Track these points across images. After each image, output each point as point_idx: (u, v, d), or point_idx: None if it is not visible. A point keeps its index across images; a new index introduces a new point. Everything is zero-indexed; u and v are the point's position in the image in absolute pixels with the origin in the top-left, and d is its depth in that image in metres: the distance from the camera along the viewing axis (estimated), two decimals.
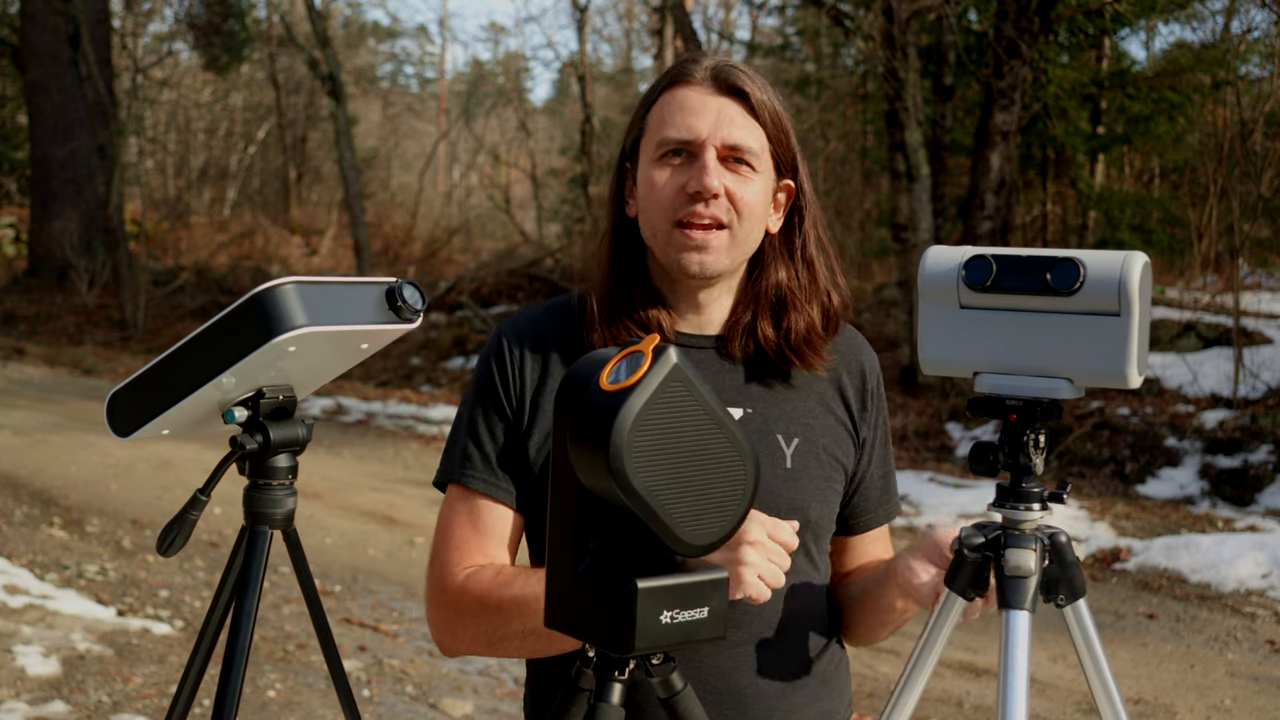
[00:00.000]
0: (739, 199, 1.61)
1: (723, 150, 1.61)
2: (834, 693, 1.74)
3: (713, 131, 1.61)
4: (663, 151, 1.63)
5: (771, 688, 1.66)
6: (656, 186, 1.63)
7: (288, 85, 25.99)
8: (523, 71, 34.23)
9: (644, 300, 1.68)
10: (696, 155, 1.61)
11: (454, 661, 5.06)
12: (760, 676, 1.65)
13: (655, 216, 1.63)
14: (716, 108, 1.62)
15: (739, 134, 1.62)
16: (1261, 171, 10.90)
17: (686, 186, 1.60)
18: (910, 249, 11.71)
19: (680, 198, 1.61)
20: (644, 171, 1.66)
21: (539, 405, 1.67)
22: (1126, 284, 1.58)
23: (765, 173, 1.65)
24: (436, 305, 16.69)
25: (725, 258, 1.63)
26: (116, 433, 1.66)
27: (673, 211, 1.61)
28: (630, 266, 1.69)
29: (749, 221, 1.63)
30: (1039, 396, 1.68)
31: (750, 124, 1.63)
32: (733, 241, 1.63)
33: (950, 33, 12.53)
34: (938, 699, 4.78)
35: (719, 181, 1.60)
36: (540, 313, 1.75)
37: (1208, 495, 8.96)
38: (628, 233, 1.70)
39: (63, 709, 4.36)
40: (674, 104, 1.64)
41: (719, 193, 1.60)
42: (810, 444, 1.70)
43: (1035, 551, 1.72)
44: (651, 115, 1.66)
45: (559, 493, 1.40)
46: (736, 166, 1.62)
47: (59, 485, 7.94)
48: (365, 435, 10.74)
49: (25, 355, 15.28)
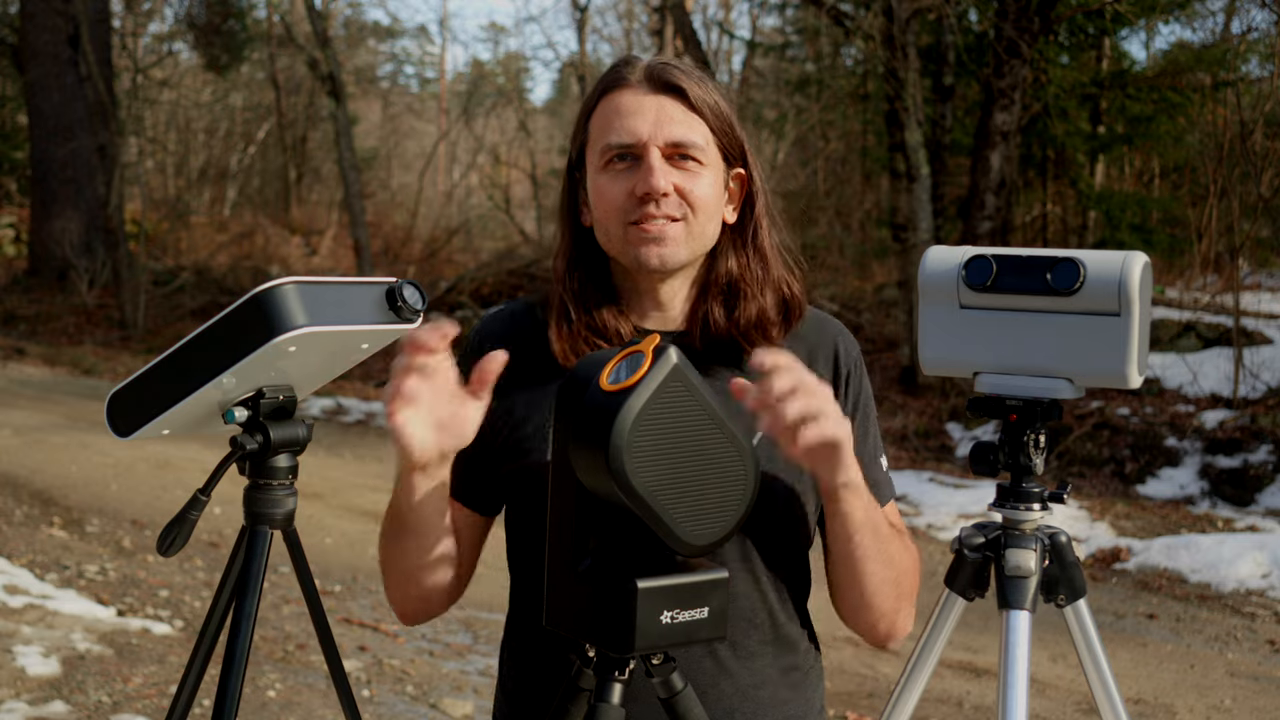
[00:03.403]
0: (689, 194, 1.61)
1: (666, 149, 1.61)
2: (801, 698, 1.71)
3: (654, 132, 1.61)
4: (607, 158, 1.63)
5: (730, 687, 1.64)
6: (606, 194, 1.63)
7: (288, 85, 25.97)
8: (523, 71, 34.25)
9: (602, 302, 1.67)
10: (641, 157, 1.61)
11: (454, 661, 5.06)
12: (721, 676, 1.64)
13: (608, 222, 1.63)
14: (655, 107, 1.62)
15: (680, 130, 1.61)
16: (1261, 171, 10.89)
17: (635, 190, 1.60)
18: (910, 249, 11.70)
19: (630, 201, 1.61)
20: (592, 180, 1.66)
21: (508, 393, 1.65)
22: (1126, 284, 1.58)
23: (713, 165, 1.64)
24: (436, 305, 16.68)
25: (684, 249, 1.63)
26: (116, 433, 1.66)
27: (624, 215, 1.61)
28: (590, 272, 1.69)
29: (703, 215, 1.63)
30: (1039, 396, 1.68)
31: (691, 119, 1.63)
32: (689, 234, 1.63)
33: (950, 33, 12.53)
34: (938, 699, 4.78)
35: (666, 181, 1.60)
36: (518, 305, 1.76)
37: (1208, 495, 8.96)
38: (585, 242, 1.70)
39: (63, 709, 4.36)
40: (612, 109, 1.63)
41: (668, 191, 1.60)
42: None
43: (1035, 551, 1.72)
44: (592, 123, 1.66)
45: (559, 493, 1.40)
46: (683, 163, 1.62)
47: (59, 485, 7.94)
48: (365, 435, 10.74)
49: (25, 355, 15.27)
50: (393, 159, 29.83)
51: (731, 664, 1.64)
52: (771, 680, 1.68)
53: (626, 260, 1.64)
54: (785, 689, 1.69)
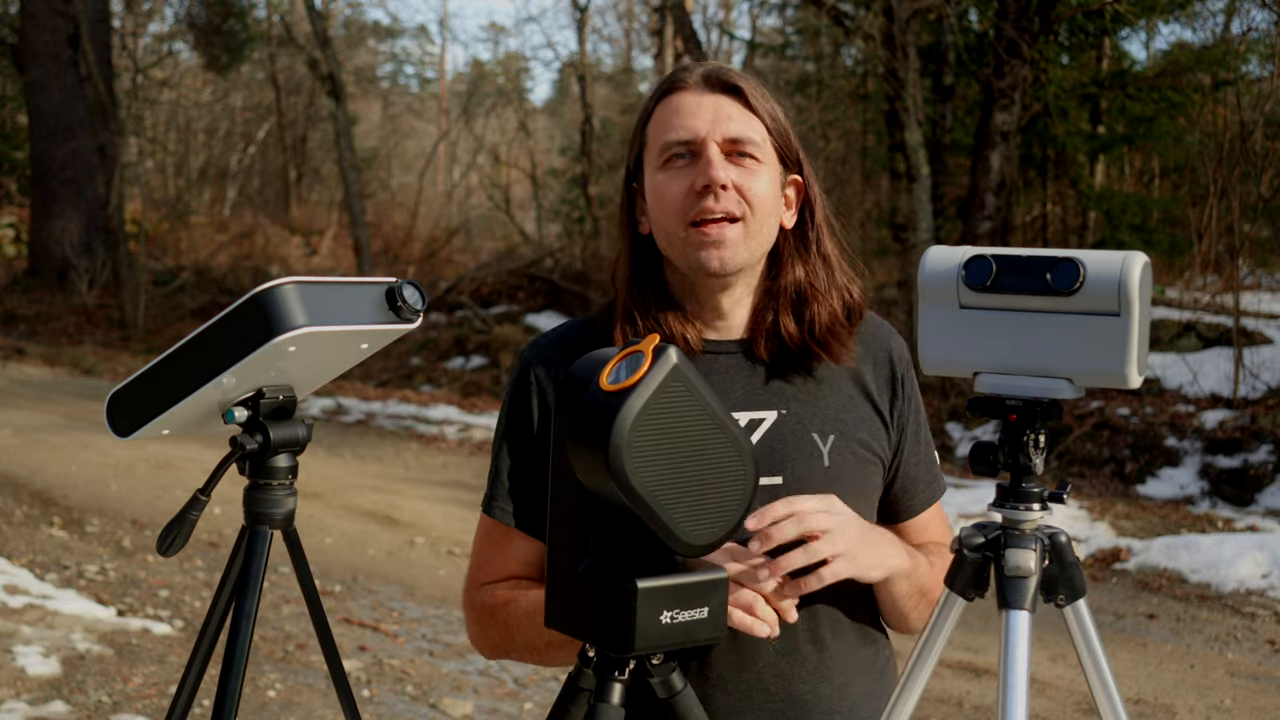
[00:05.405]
0: (747, 190, 1.62)
1: (725, 145, 1.62)
2: (884, 691, 1.75)
3: (712, 128, 1.62)
4: (666, 156, 1.64)
5: (828, 689, 1.67)
6: (665, 191, 1.63)
7: (288, 85, 25.98)
8: (523, 71, 34.23)
9: (666, 311, 1.68)
10: (699, 153, 1.62)
11: (454, 661, 5.06)
12: (818, 680, 1.66)
13: (668, 222, 1.64)
14: (713, 105, 1.63)
15: (738, 127, 1.63)
16: (1261, 171, 10.89)
17: (694, 184, 1.61)
18: (910, 249, 11.71)
19: (690, 197, 1.61)
20: (651, 181, 1.66)
21: None
22: (1126, 284, 1.58)
23: (770, 164, 1.66)
24: (436, 305, 16.68)
25: (743, 251, 1.63)
26: (116, 433, 1.66)
27: (684, 212, 1.62)
28: (650, 282, 1.70)
29: (760, 213, 1.64)
30: (1039, 396, 1.68)
31: (748, 117, 1.64)
32: (747, 234, 1.63)
33: (950, 33, 12.53)
34: (938, 699, 4.78)
35: (725, 174, 1.60)
36: (565, 329, 1.77)
37: (1208, 495, 8.97)
38: (644, 251, 1.71)
39: (63, 709, 4.36)
40: (670, 110, 1.65)
41: (727, 184, 1.60)
42: (846, 439, 1.70)
43: (1035, 551, 1.72)
44: (650, 127, 1.68)
45: (559, 493, 1.40)
46: (740, 159, 1.63)
47: (59, 485, 7.94)
48: (365, 435, 10.74)
49: (25, 355, 15.28)
50: (393, 159, 29.83)
51: (846, 656, 1.71)
52: (868, 674, 1.75)
53: (686, 264, 1.65)
54: (869, 680, 1.75)
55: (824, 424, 1.69)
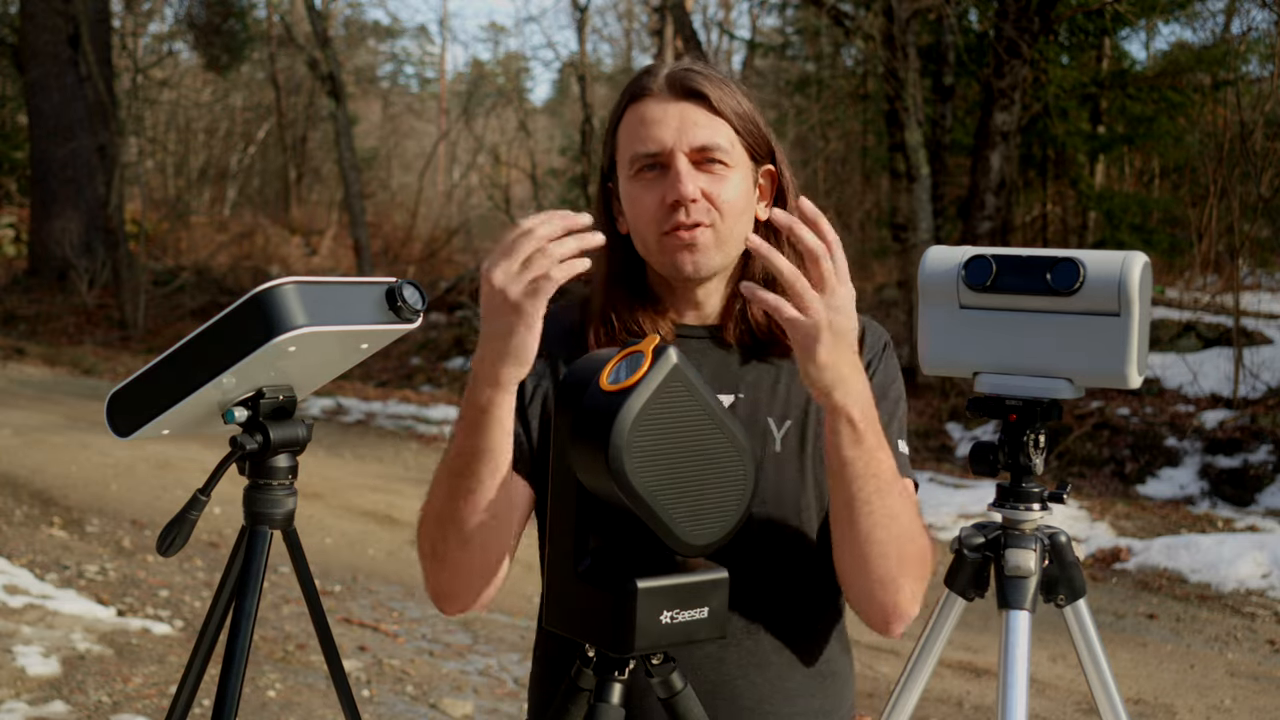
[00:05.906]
0: (717, 197, 1.63)
1: (692, 154, 1.63)
2: (831, 692, 1.72)
3: (678, 138, 1.63)
4: (636, 168, 1.66)
5: (763, 679, 1.65)
6: (637, 201, 1.66)
7: (288, 85, 25.97)
8: (523, 71, 34.24)
9: (639, 306, 1.72)
10: (668, 165, 1.63)
11: (454, 661, 5.06)
12: (753, 669, 1.65)
13: (643, 229, 1.67)
14: (678, 114, 1.64)
15: (704, 134, 1.63)
16: (1261, 171, 10.89)
17: (665, 198, 1.63)
18: (910, 249, 11.71)
19: (662, 210, 1.64)
20: (624, 189, 1.69)
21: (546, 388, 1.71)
22: (1126, 284, 1.58)
23: (740, 166, 1.66)
24: (436, 305, 16.68)
25: (716, 255, 1.65)
26: (116, 433, 1.66)
27: (658, 225, 1.64)
28: (627, 278, 1.73)
29: (730, 217, 1.65)
30: (1039, 396, 1.68)
31: (715, 122, 1.65)
32: (719, 239, 1.65)
33: (950, 33, 12.53)
34: (938, 699, 4.78)
35: (694, 187, 1.62)
36: (557, 306, 1.77)
37: (1208, 495, 8.97)
38: (622, 249, 1.73)
39: (63, 709, 4.36)
40: (637, 119, 1.66)
41: (696, 198, 1.62)
42: (801, 426, 1.70)
43: (1035, 551, 1.72)
44: (619, 134, 1.69)
45: (559, 493, 1.40)
46: (710, 167, 1.64)
47: (59, 485, 7.94)
48: (365, 435, 10.74)
49: (25, 355, 15.27)
50: (393, 159, 29.83)
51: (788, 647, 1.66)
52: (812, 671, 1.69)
53: (662, 267, 1.68)
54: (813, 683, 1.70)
55: (783, 409, 1.69)
